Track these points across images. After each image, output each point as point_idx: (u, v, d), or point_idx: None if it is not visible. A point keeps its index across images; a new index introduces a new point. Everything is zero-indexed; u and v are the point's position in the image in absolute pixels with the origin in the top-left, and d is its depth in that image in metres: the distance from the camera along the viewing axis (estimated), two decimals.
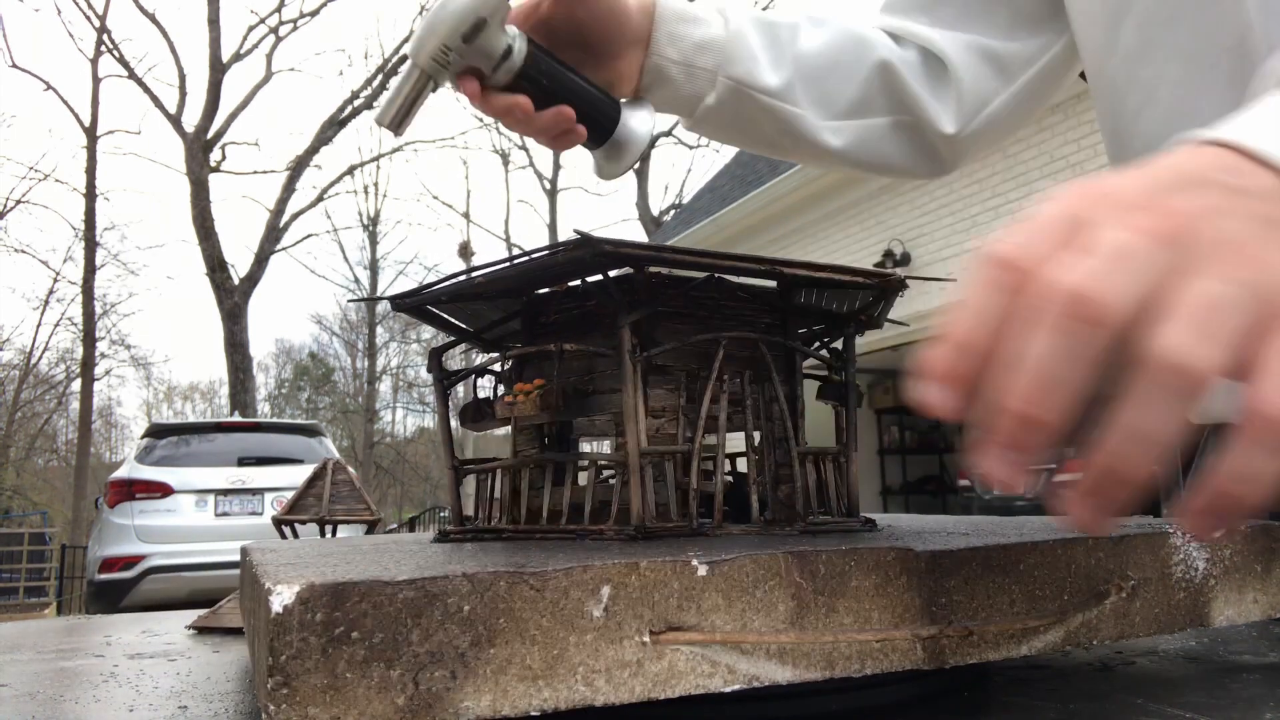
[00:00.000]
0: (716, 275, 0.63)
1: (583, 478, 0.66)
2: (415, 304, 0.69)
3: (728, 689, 0.39)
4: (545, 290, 0.69)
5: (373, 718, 0.34)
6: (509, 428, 0.72)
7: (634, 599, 0.38)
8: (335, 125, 17.20)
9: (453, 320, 0.75)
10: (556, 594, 0.37)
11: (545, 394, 0.68)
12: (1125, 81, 0.72)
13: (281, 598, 0.33)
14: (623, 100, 0.76)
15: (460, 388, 0.76)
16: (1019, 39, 0.86)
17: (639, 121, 0.74)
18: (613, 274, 0.63)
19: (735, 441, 0.66)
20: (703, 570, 0.39)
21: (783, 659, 0.40)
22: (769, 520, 0.63)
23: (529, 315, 0.71)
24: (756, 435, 0.65)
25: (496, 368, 0.74)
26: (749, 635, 0.40)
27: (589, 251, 0.55)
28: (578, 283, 0.66)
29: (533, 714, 0.36)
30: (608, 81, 0.76)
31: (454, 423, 0.76)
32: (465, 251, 24.37)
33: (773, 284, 0.67)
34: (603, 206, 67.40)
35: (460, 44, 0.65)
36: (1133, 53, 0.71)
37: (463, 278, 0.64)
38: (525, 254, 0.60)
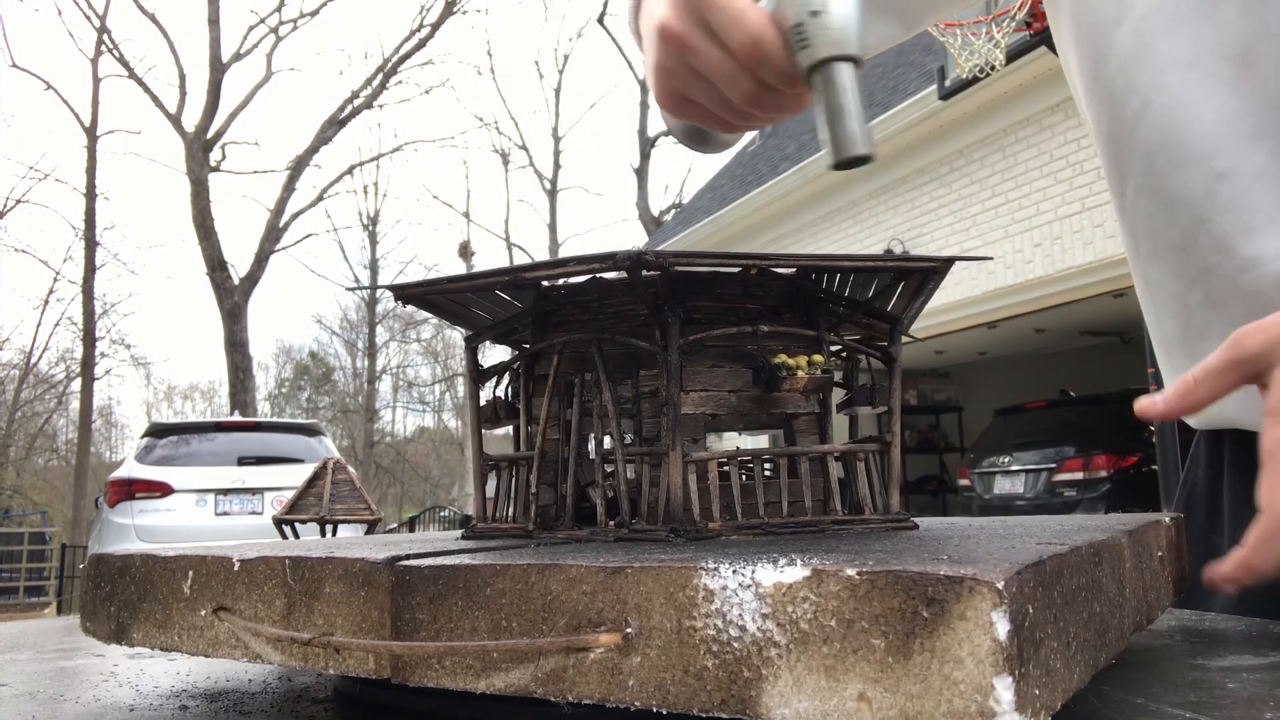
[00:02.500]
0: (595, 276, 0.62)
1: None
2: (419, 295, 0.69)
3: (241, 660, 0.50)
4: (549, 286, 0.69)
5: (100, 634, 0.57)
6: (509, 428, 0.73)
7: (204, 583, 0.52)
8: (335, 125, 17.20)
9: (464, 312, 0.75)
10: (171, 572, 0.53)
11: (490, 403, 0.70)
12: (1123, 87, 0.71)
13: (86, 565, 0.60)
14: None
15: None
16: (873, 29, 0.85)
17: None
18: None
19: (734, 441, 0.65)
20: (237, 566, 0.50)
21: (276, 646, 0.48)
22: (618, 524, 0.62)
23: (539, 313, 0.71)
24: (607, 439, 0.64)
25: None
26: (244, 622, 0.49)
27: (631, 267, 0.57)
28: (583, 279, 0.66)
29: (159, 651, 0.54)
30: None
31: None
32: (465, 251, 24.37)
33: (655, 274, 0.63)
34: (602, 206, 67.46)
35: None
36: (1129, 57, 0.70)
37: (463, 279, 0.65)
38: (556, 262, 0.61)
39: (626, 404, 0.65)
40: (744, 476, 0.66)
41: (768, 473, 0.67)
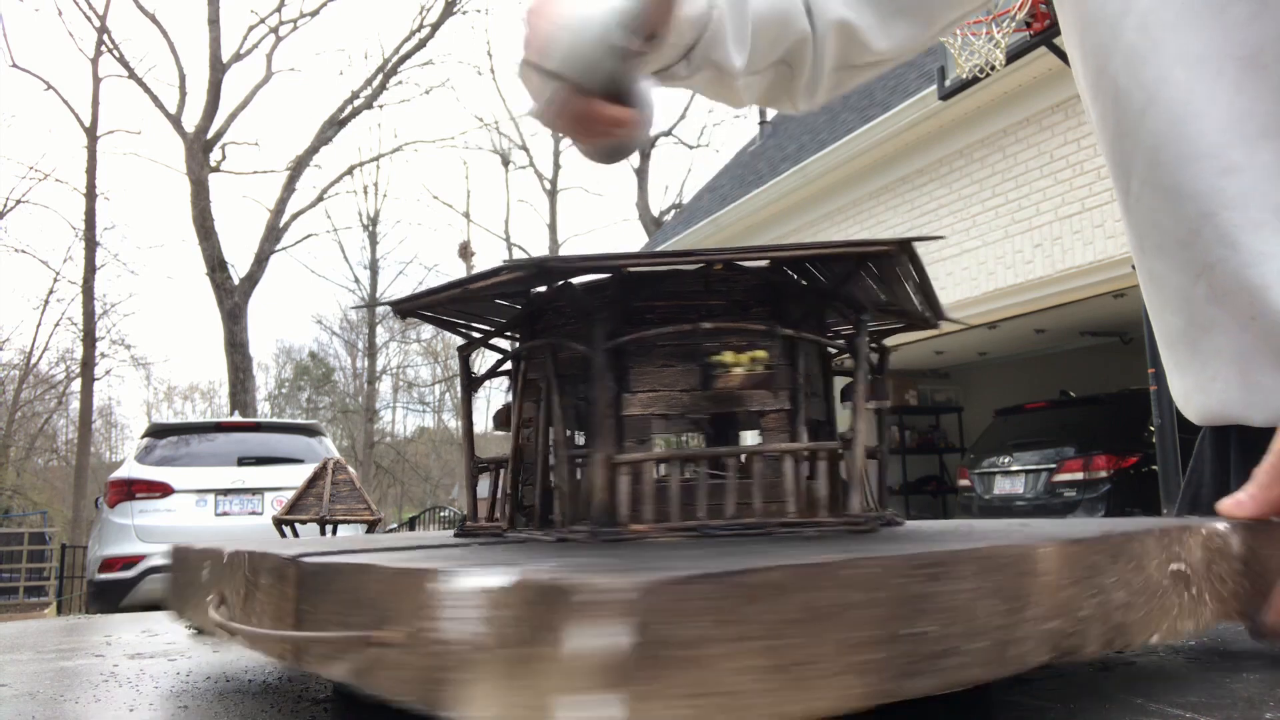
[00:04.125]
0: (567, 282, 0.63)
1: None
2: (414, 309, 0.70)
3: (223, 640, 0.53)
4: (542, 290, 0.69)
5: (172, 613, 0.65)
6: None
7: (217, 575, 0.57)
8: (335, 125, 17.21)
9: (459, 321, 0.76)
10: (198, 563, 0.60)
11: (504, 407, 0.72)
12: (1128, 81, 0.72)
13: (169, 552, 0.68)
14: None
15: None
16: (890, 31, 0.86)
17: (649, 96, 0.72)
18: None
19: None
20: (226, 559, 0.55)
21: (232, 635, 0.51)
22: (560, 525, 0.64)
23: (528, 317, 0.71)
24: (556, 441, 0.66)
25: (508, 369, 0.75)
26: (214, 610, 0.53)
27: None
28: (560, 285, 0.67)
29: (202, 631, 0.60)
30: None
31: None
32: (465, 251, 24.36)
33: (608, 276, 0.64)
34: (602, 207, 67.45)
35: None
36: (1134, 52, 0.70)
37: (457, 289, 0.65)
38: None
39: (581, 405, 0.66)
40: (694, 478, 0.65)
41: (716, 474, 0.65)
